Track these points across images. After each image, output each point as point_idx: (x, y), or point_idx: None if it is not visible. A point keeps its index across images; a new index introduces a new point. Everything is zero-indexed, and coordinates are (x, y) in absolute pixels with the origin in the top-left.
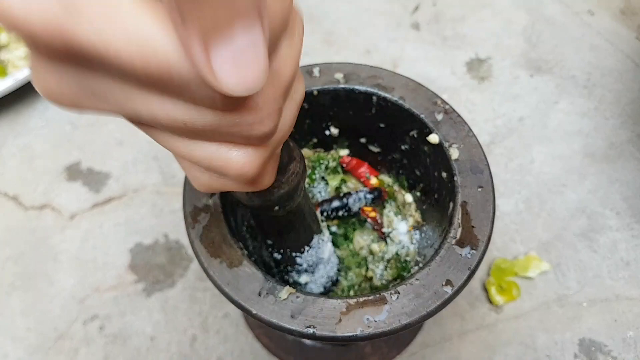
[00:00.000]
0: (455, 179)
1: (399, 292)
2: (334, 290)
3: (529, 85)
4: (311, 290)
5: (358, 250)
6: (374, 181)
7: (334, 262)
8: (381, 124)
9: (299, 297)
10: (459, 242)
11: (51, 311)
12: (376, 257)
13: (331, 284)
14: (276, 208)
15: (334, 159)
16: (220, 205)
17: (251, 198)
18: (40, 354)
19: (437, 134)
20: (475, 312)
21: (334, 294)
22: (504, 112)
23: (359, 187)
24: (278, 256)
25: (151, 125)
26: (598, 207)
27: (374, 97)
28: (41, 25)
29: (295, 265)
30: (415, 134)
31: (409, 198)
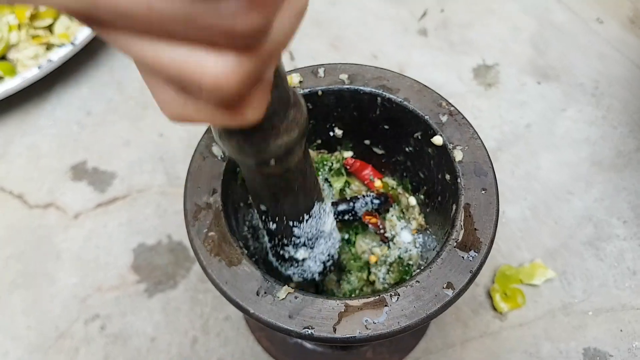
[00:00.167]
0: (459, 180)
1: (398, 294)
2: (333, 271)
3: (536, 93)
4: (309, 268)
5: (360, 254)
6: (378, 184)
7: (336, 237)
8: (385, 125)
9: (297, 297)
10: (461, 245)
11: (52, 310)
12: (378, 261)
13: (332, 262)
14: (272, 162)
15: (338, 160)
16: (222, 204)
17: (242, 148)
18: (40, 353)
19: (441, 135)
20: (479, 319)
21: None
22: (511, 118)
23: (363, 189)
24: (273, 226)
25: (107, 22)
26: (605, 216)
27: (378, 98)
28: None
29: (293, 238)
30: (419, 136)
31: (412, 201)
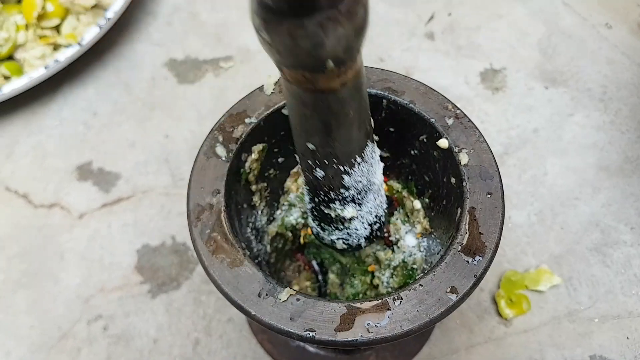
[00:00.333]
0: (464, 184)
1: (401, 298)
2: (380, 237)
3: (544, 97)
4: (356, 231)
5: (364, 258)
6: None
7: (384, 195)
8: (391, 128)
9: (299, 299)
10: (466, 249)
11: (55, 310)
12: (382, 265)
13: (379, 225)
14: (330, 64)
15: None
16: (225, 205)
17: (294, 41)
18: (42, 352)
19: (446, 138)
20: (484, 325)
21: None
22: (518, 123)
23: None
24: (320, 172)
25: None
26: (612, 222)
27: (384, 101)
28: None
29: (342, 190)
30: (425, 139)
31: (417, 205)
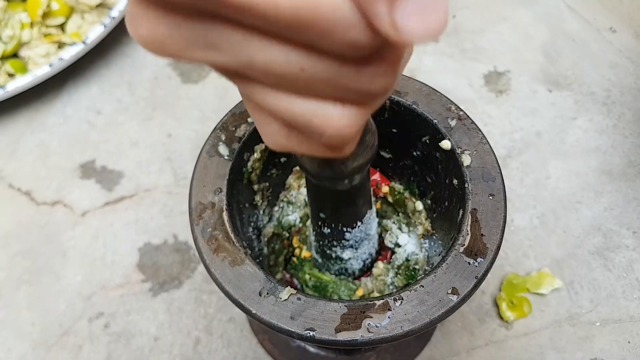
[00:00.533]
0: (466, 185)
1: (402, 298)
2: (370, 268)
3: (547, 101)
4: (352, 266)
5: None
6: (385, 189)
7: (376, 238)
8: (393, 129)
9: (300, 298)
10: (467, 250)
11: (57, 307)
12: (384, 267)
13: (370, 260)
14: (345, 182)
15: None
16: (226, 204)
17: (321, 168)
18: (43, 349)
19: (449, 140)
20: (485, 328)
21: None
22: (521, 126)
23: None
24: (327, 230)
25: (253, 77)
26: (614, 226)
27: (386, 101)
28: None
29: (343, 241)
30: (427, 140)
31: (419, 206)
